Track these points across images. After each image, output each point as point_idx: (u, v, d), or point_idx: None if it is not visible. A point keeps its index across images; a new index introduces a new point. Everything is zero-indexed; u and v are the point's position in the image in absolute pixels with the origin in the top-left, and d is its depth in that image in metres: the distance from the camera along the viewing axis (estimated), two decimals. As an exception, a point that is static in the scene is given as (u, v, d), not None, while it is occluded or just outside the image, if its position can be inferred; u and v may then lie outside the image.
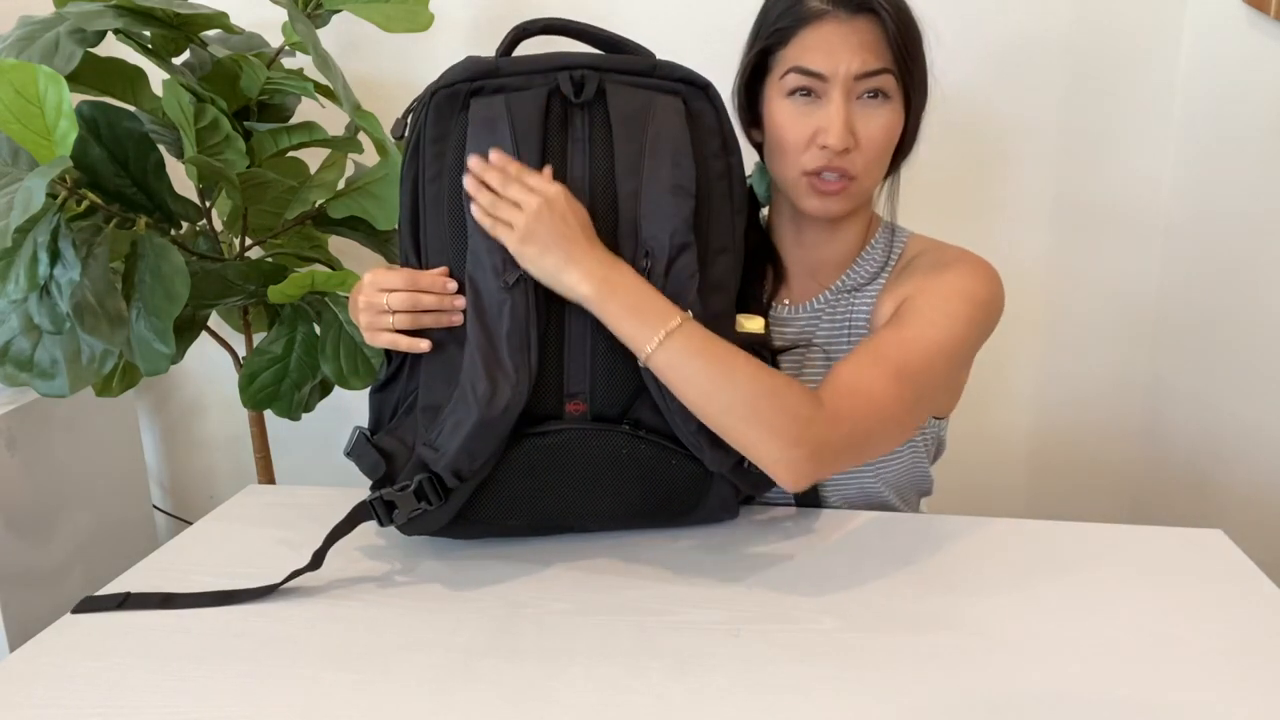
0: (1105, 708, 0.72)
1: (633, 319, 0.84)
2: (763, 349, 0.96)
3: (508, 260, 0.86)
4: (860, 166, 0.95)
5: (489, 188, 0.86)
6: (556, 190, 0.85)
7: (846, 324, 1.04)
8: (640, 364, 0.85)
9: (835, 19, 0.92)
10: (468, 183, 0.87)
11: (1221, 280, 1.52)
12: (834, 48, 0.92)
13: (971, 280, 0.97)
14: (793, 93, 0.94)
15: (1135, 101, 1.62)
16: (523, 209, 0.84)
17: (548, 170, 0.87)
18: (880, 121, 0.94)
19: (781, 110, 0.95)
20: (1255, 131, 1.41)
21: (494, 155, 0.86)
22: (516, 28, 0.93)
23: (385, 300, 0.89)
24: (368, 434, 0.93)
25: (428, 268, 0.91)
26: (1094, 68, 1.61)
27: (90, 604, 0.88)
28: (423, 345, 0.90)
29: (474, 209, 0.86)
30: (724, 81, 0.99)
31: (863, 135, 0.93)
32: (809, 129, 0.94)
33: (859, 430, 0.88)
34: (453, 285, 0.88)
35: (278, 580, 0.89)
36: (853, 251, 1.05)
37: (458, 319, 0.88)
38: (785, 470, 0.86)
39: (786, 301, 1.07)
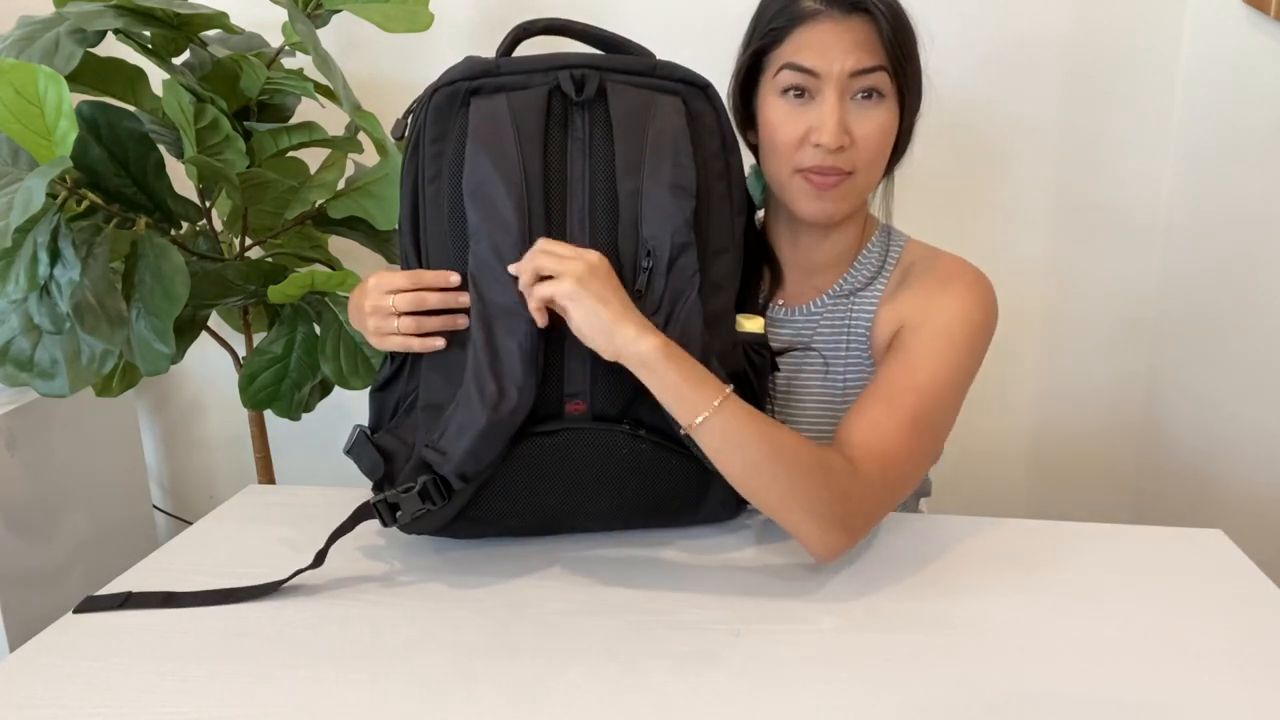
0: (1105, 708, 0.72)
1: (688, 384, 0.83)
2: (762, 348, 0.96)
3: (508, 260, 0.85)
4: (855, 164, 0.94)
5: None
6: (599, 254, 0.84)
7: (845, 330, 1.03)
8: (681, 431, 0.85)
9: (829, 18, 0.92)
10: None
11: (1221, 280, 1.52)
12: (828, 46, 0.91)
13: (970, 303, 0.97)
14: (786, 90, 0.94)
15: (1135, 101, 1.62)
16: (572, 260, 0.82)
17: None
18: (875, 121, 0.94)
19: (775, 109, 0.95)
20: (1255, 131, 1.41)
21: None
22: (517, 28, 0.93)
23: (391, 302, 0.88)
24: (368, 432, 0.93)
25: (429, 267, 0.90)
26: (1094, 68, 1.61)
27: (92, 604, 0.88)
28: (438, 343, 0.89)
29: (514, 268, 0.84)
30: (723, 81, 0.99)
31: (858, 134, 0.93)
32: (802, 127, 0.93)
33: (887, 492, 0.90)
34: (455, 279, 0.87)
35: (279, 578, 0.89)
36: (848, 254, 1.05)
37: (463, 321, 0.88)
38: (822, 548, 0.87)
39: (781, 303, 1.06)
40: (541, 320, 0.84)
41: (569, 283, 0.81)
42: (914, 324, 0.97)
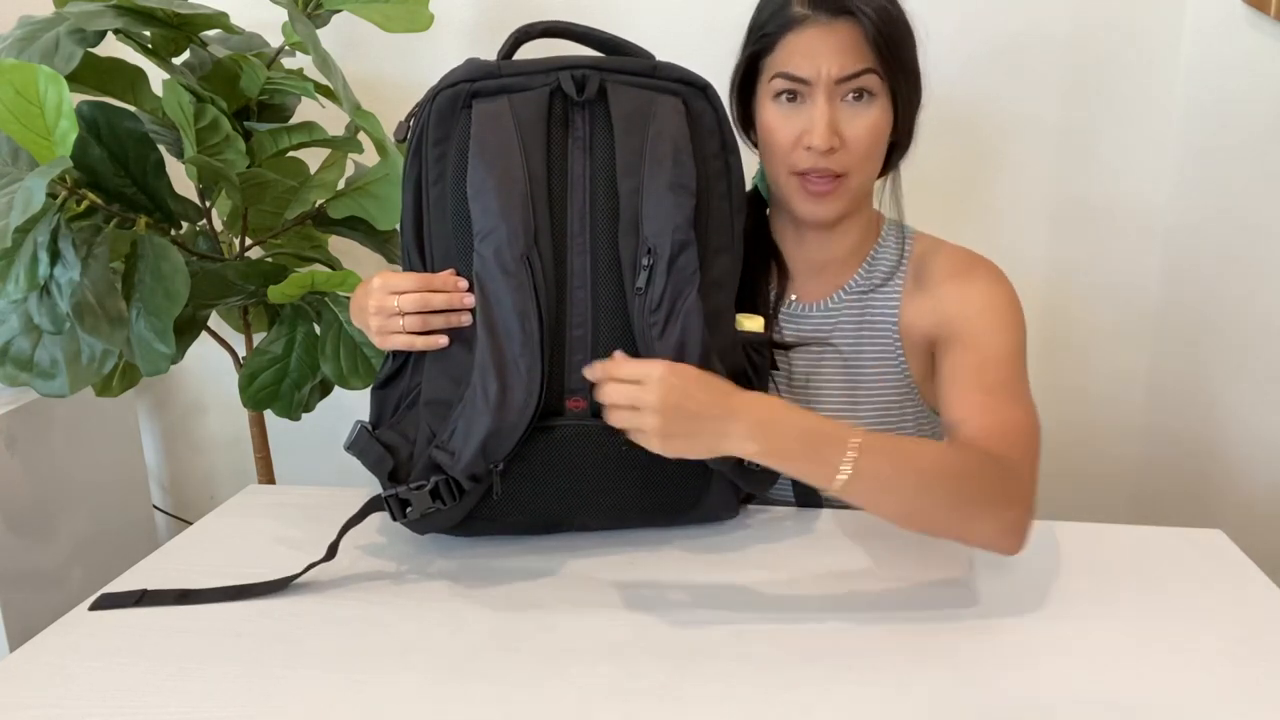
0: (1105, 708, 0.72)
1: (810, 454, 0.79)
2: (762, 347, 0.96)
3: (514, 260, 0.85)
4: (847, 165, 0.96)
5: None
6: (660, 371, 0.79)
7: (865, 325, 1.05)
8: (827, 494, 0.81)
9: (816, 24, 0.93)
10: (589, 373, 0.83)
11: (1221, 280, 1.52)
12: (815, 52, 0.93)
13: (1000, 285, 1.00)
14: (778, 96, 0.96)
15: (1135, 101, 1.62)
16: (641, 410, 0.78)
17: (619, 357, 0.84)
18: (866, 121, 0.95)
19: (770, 114, 0.97)
20: (1255, 131, 1.41)
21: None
22: (517, 30, 0.93)
23: (395, 303, 0.88)
24: (369, 428, 0.93)
25: (433, 269, 0.91)
26: (1094, 68, 1.61)
27: (107, 600, 0.88)
28: (441, 340, 0.89)
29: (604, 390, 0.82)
30: (722, 83, 0.99)
31: (849, 134, 0.95)
32: (795, 130, 0.96)
33: (1033, 457, 0.89)
34: (463, 284, 0.88)
35: (292, 574, 0.89)
36: (856, 251, 1.06)
37: (466, 319, 0.88)
38: (1012, 538, 0.84)
39: (794, 297, 1.07)
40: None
41: (655, 442, 0.78)
42: (957, 316, 0.98)
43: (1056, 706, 0.72)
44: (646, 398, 0.78)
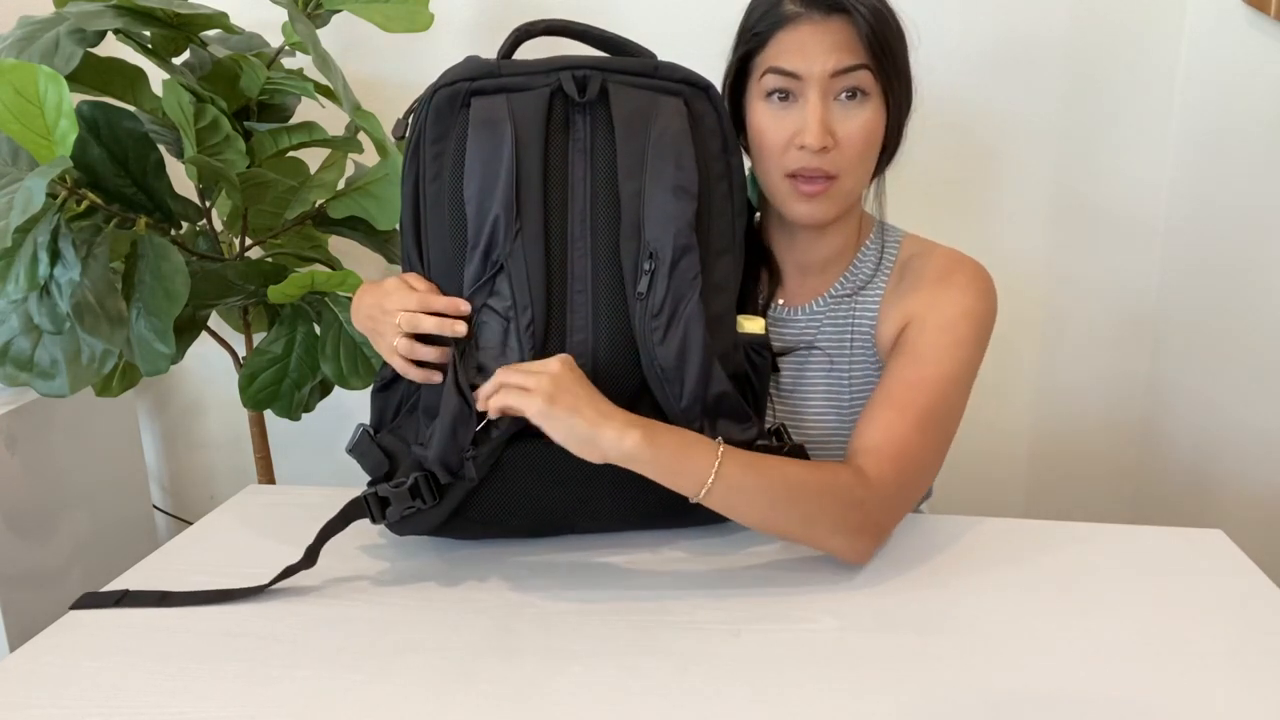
0: (1105, 708, 0.72)
1: (682, 460, 0.84)
2: (763, 349, 0.96)
3: (490, 265, 0.86)
4: (840, 166, 0.95)
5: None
6: (564, 357, 0.84)
7: (849, 329, 1.04)
8: (692, 501, 0.85)
9: (809, 20, 0.92)
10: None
11: (1221, 280, 1.52)
12: (808, 48, 0.92)
13: (972, 296, 0.98)
14: (770, 94, 0.95)
15: (1135, 101, 1.62)
16: (537, 376, 0.82)
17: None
18: (859, 121, 0.94)
19: (761, 113, 0.96)
20: (1254, 131, 1.41)
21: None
22: (518, 29, 0.93)
23: (399, 320, 0.88)
24: (371, 432, 0.93)
25: (430, 268, 0.91)
26: (1094, 68, 1.61)
27: (89, 600, 0.89)
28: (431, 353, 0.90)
29: (485, 388, 0.84)
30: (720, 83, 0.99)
31: (842, 134, 0.94)
32: (788, 130, 0.94)
33: (906, 491, 0.92)
34: (465, 307, 0.87)
35: (271, 579, 0.89)
36: (845, 252, 1.05)
37: (461, 328, 0.88)
38: (853, 555, 0.90)
39: (781, 302, 1.07)
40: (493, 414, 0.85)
41: (540, 400, 0.81)
42: (919, 320, 0.98)
43: (1056, 706, 0.72)
44: (550, 365, 0.83)
